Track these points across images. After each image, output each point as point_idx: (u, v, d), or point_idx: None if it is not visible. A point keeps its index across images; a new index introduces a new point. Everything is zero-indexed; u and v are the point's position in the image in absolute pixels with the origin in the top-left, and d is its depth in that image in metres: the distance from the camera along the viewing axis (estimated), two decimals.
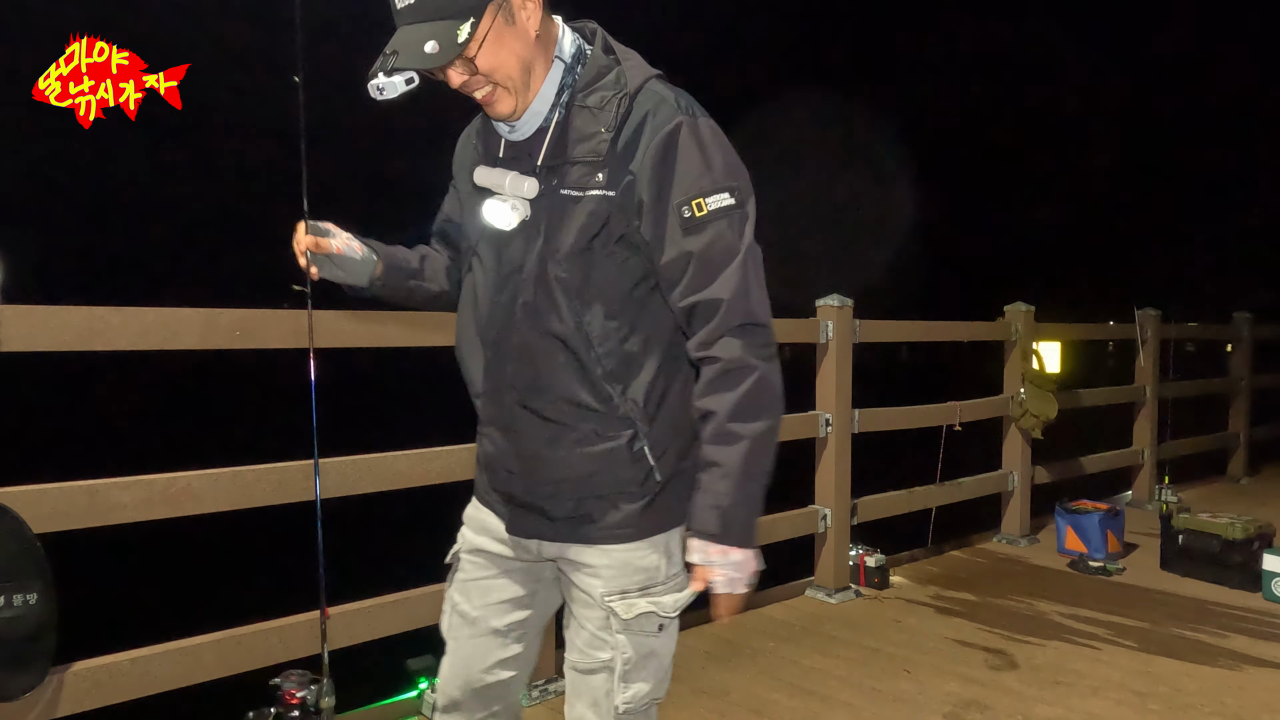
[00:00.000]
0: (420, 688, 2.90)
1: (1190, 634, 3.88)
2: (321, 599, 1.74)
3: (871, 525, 4.60)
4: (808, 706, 3.09)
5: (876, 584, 4.38)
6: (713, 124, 1.49)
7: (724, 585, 1.45)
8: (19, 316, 2.18)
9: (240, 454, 2.82)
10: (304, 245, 1.59)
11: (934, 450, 4.90)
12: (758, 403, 1.43)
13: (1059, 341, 5.85)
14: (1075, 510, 5.06)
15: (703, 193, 1.43)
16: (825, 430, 4.28)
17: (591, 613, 1.53)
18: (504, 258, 1.52)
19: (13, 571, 1.96)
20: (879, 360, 6.04)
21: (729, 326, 1.43)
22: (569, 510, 1.52)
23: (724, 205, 1.44)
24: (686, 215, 1.43)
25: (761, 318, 1.46)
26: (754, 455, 1.43)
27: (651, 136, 1.43)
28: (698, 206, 1.43)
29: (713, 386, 1.44)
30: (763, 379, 1.44)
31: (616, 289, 1.47)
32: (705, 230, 1.43)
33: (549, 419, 1.50)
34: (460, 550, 1.69)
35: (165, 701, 2.43)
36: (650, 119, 1.44)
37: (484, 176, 1.53)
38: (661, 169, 1.43)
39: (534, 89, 1.48)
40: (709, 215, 1.43)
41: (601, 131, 1.45)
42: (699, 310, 1.45)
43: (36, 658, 2.02)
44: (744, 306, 1.44)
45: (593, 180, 1.44)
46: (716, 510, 1.42)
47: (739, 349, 1.43)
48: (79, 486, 2.26)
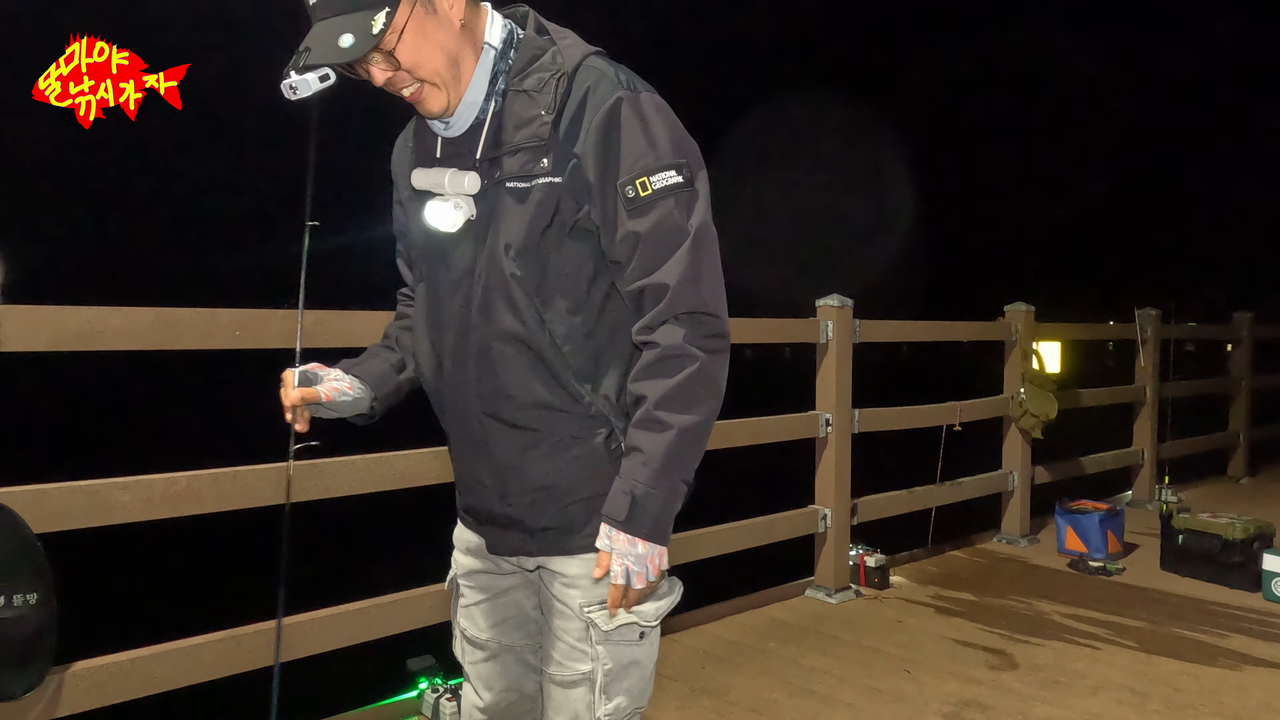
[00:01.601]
0: (420, 688, 2.90)
1: (1190, 634, 3.88)
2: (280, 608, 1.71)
3: (871, 525, 4.60)
4: (808, 706, 3.09)
5: (876, 584, 4.38)
6: (657, 99, 1.41)
7: (621, 576, 1.37)
8: (19, 316, 2.18)
9: (240, 454, 2.82)
10: (292, 400, 1.50)
11: (934, 450, 4.91)
12: (691, 394, 1.36)
13: (1059, 341, 5.85)
14: (1075, 510, 5.06)
15: (646, 171, 1.35)
16: (825, 430, 4.28)
17: (570, 624, 1.47)
18: (453, 261, 1.44)
19: (13, 571, 1.96)
20: (879, 360, 6.05)
21: (673, 313, 1.36)
22: (550, 521, 1.46)
23: (670, 183, 1.36)
24: (630, 195, 1.35)
25: (711, 306, 1.38)
26: (679, 448, 1.36)
27: (593, 114, 1.35)
28: (641, 186, 1.35)
29: (648, 372, 1.37)
30: (702, 371, 1.36)
31: (575, 282, 1.40)
32: (651, 211, 1.36)
33: (519, 426, 1.43)
34: (456, 576, 1.65)
35: (165, 702, 2.44)
36: (590, 96, 1.36)
37: (422, 178, 1.46)
38: (604, 148, 1.36)
39: (464, 81, 1.40)
40: (654, 195, 1.36)
41: (541, 114, 1.37)
42: (646, 295, 1.38)
43: (36, 658, 2.02)
44: (691, 293, 1.37)
45: (537, 167, 1.37)
46: (629, 497, 1.35)
47: (680, 337, 1.36)
48: (79, 486, 2.26)
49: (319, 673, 2.81)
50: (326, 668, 2.80)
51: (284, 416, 1.52)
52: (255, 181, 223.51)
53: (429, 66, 1.36)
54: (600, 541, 1.39)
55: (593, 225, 1.38)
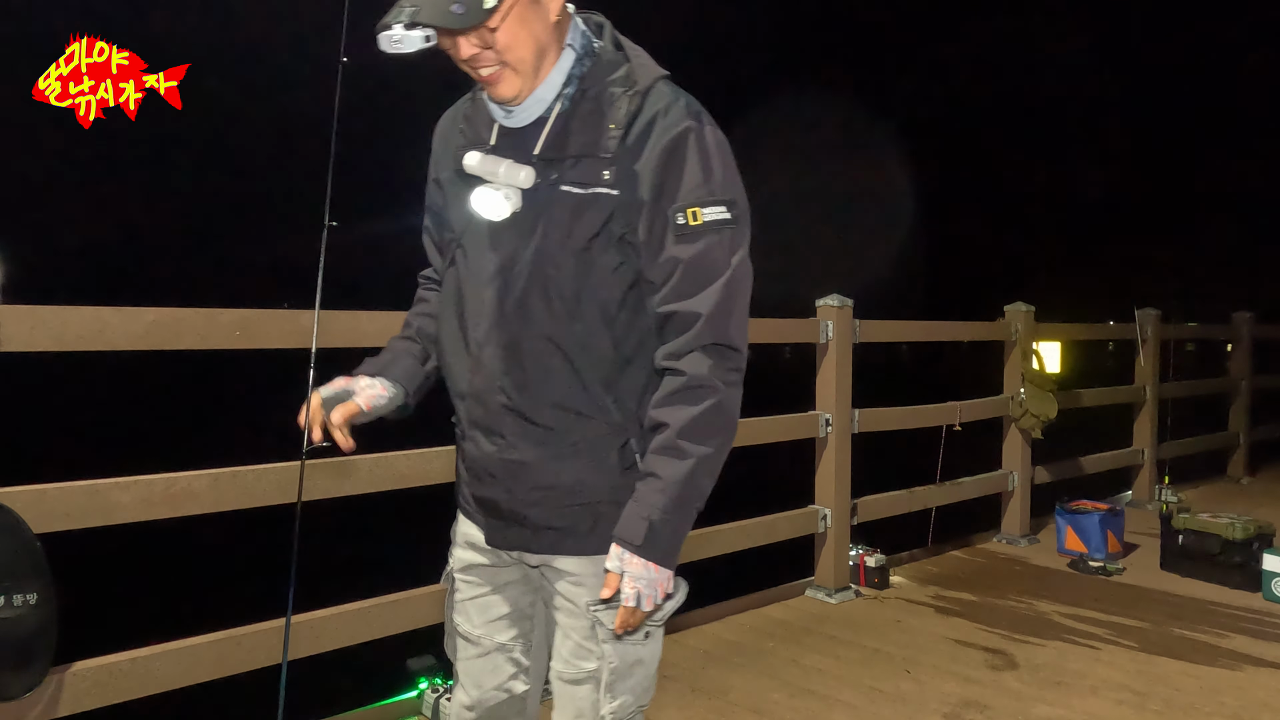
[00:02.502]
0: (420, 688, 2.89)
1: (1190, 634, 3.88)
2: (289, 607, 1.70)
3: (871, 525, 4.60)
4: (808, 706, 3.09)
5: (876, 584, 4.38)
6: (720, 135, 1.45)
7: (632, 599, 1.39)
8: (19, 316, 2.18)
9: (240, 454, 2.82)
10: (337, 421, 1.51)
11: (934, 450, 4.91)
12: (712, 425, 1.39)
13: (1059, 341, 5.86)
14: (1075, 510, 5.06)
15: (700, 203, 1.40)
16: (825, 430, 4.28)
17: (576, 622, 1.50)
18: (492, 251, 1.46)
19: (13, 571, 1.96)
20: (879, 360, 6.05)
21: (701, 343, 1.39)
22: (556, 520, 1.47)
23: (719, 219, 1.41)
24: (680, 222, 1.40)
25: (736, 341, 1.42)
26: (696, 477, 1.39)
27: (660, 137, 1.40)
28: (693, 215, 1.40)
29: (672, 399, 1.39)
30: (722, 404, 1.40)
31: (611, 293, 1.42)
32: (697, 241, 1.40)
33: (537, 424, 1.45)
34: (453, 570, 1.65)
35: (165, 701, 2.44)
36: (660, 119, 1.41)
37: (475, 162, 1.46)
38: (664, 172, 1.40)
39: (542, 74, 1.43)
40: (703, 226, 1.40)
41: (612, 128, 1.40)
42: (675, 320, 1.41)
43: (36, 658, 2.02)
44: (721, 326, 1.40)
45: (599, 177, 1.40)
46: (646, 522, 1.37)
47: (706, 368, 1.39)
48: (79, 486, 2.26)
49: (319, 673, 2.81)
50: (327, 668, 2.80)
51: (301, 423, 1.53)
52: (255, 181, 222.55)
53: (518, 52, 1.38)
54: (611, 563, 1.40)
55: (637, 241, 1.42)
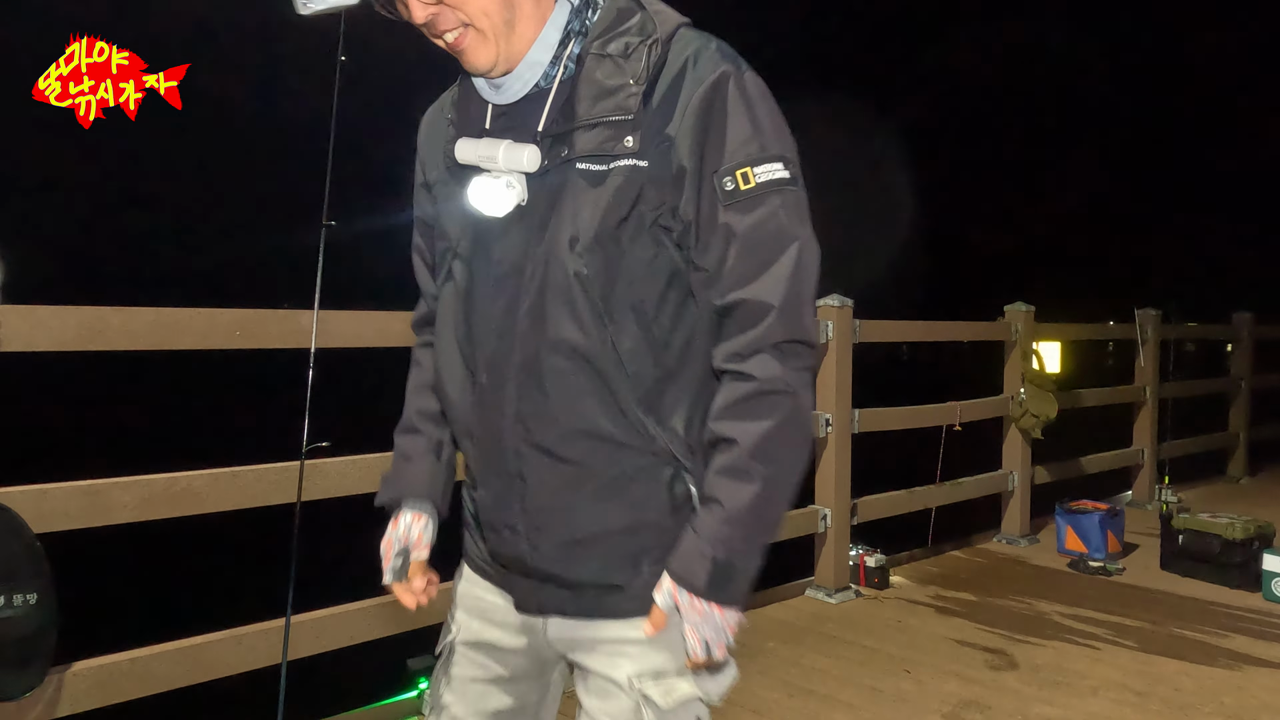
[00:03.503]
0: (420, 688, 2.89)
1: (1190, 634, 3.88)
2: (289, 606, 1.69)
3: (871, 525, 4.60)
4: (808, 706, 3.09)
5: (876, 584, 4.38)
6: (762, 83, 1.19)
7: (701, 649, 1.14)
8: (19, 316, 2.18)
9: (240, 454, 2.82)
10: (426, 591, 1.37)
11: (934, 450, 4.91)
12: (788, 440, 1.14)
13: (1059, 341, 5.86)
14: (1075, 510, 5.06)
15: (750, 160, 1.13)
16: (825, 430, 4.28)
17: (614, 704, 1.20)
18: (496, 255, 1.20)
19: (13, 571, 1.96)
20: (879, 360, 6.04)
21: (773, 340, 1.13)
22: (591, 575, 1.20)
23: (776, 178, 1.14)
24: (730, 188, 1.13)
25: (811, 335, 1.16)
26: (769, 502, 1.14)
27: (692, 90, 1.13)
28: (744, 177, 1.13)
29: (738, 410, 1.13)
30: (798, 413, 1.15)
31: (648, 289, 1.15)
32: (755, 208, 1.13)
33: (565, 459, 1.17)
34: (455, 640, 1.37)
35: (165, 701, 2.44)
36: (690, 69, 1.14)
37: (469, 150, 1.22)
38: (703, 131, 1.13)
39: (521, 33, 1.17)
40: (758, 189, 1.13)
41: (630, 84, 1.14)
42: (740, 312, 1.14)
43: (37, 658, 2.02)
44: (795, 319, 1.14)
45: (619, 145, 1.13)
46: (709, 561, 1.12)
47: (779, 370, 1.13)
48: (79, 486, 2.26)
49: (319, 672, 2.81)
50: (327, 667, 2.81)
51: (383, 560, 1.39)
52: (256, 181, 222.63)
53: (478, 5, 1.14)
54: (662, 598, 1.16)
55: (675, 224, 1.15)
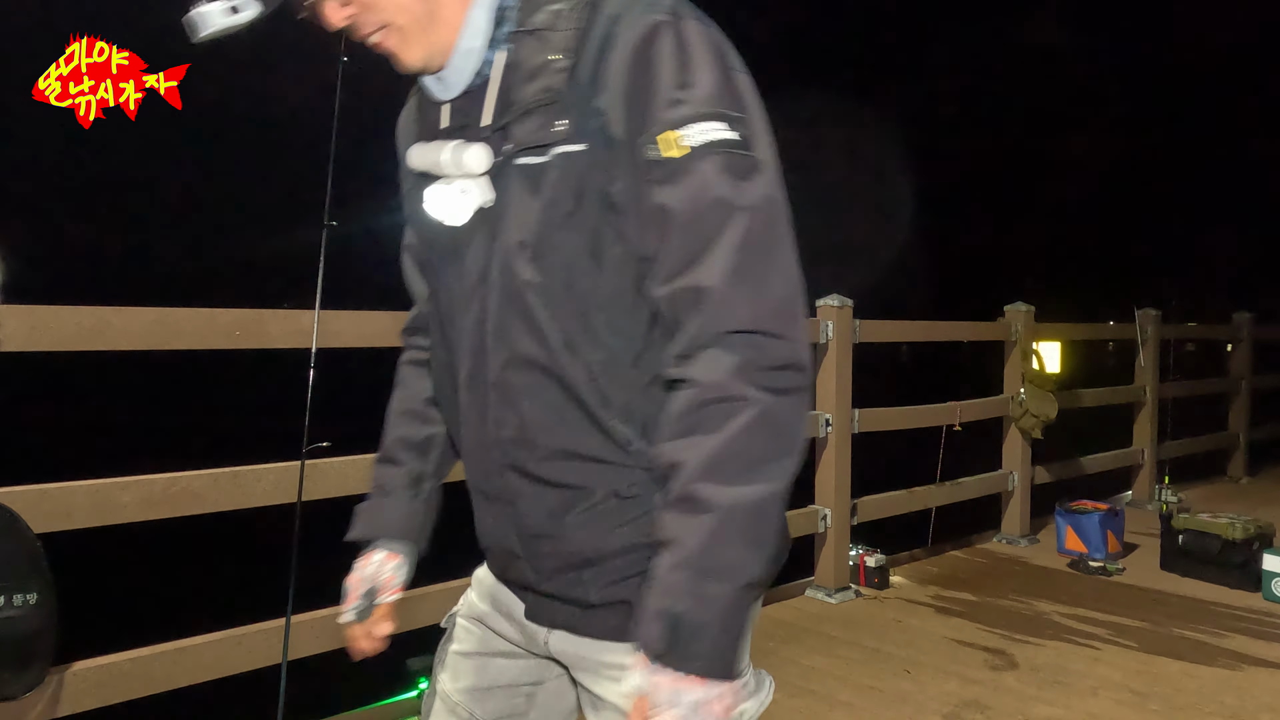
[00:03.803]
0: (420, 687, 2.89)
1: (1190, 634, 3.88)
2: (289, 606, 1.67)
3: (871, 525, 4.60)
4: (808, 706, 3.09)
5: (876, 584, 4.38)
6: (713, 32, 1.01)
7: None
8: (19, 316, 2.18)
9: (240, 454, 2.82)
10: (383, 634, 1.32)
11: (934, 450, 4.91)
12: (749, 453, 0.92)
13: (1059, 341, 5.86)
14: (1075, 510, 5.06)
15: (679, 121, 0.96)
16: (825, 430, 4.28)
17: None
18: (465, 265, 1.09)
19: (13, 571, 1.96)
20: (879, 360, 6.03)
21: (715, 332, 0.94)
22: (601, 597, 1.08)
23: (713, 139, 0.95)
24: (653, 156, 0.96)
25: (774, 324, 0.94)
26: (730, 536, 0.91)
27: (622, 52, 0.98)
28: (667, 142, 0.96)
29: (683, 425, 0.94)
30: (765, 418, 0.93)
31: (615, 289, 1.02)
32: (684, 176, 0.96)
33: (551, 483, 1.07)
34: (458, 613, 1.31)
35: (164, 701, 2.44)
36: (618, 28, 0.99)
37: (419, 156, 1.13)
38: (631, 95, 0.98)
39: (447, 21, 1.06)
40: (690, 155, 0.95)
41: (556, 59, 1.01)
42: (678, 304, 0.97)
43: (36, 657, 2.02)
44: (744, 302, 0.94)
45: (552, 132, 1.00)
46: (664, 617, 0.91)
47: (727, 370, 0.93)
48: (79, 486, 2.26)
49: (319, 673, 2.81)
50: (327, 668, 2.80)
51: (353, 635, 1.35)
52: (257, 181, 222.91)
53: (391, 1, 1.05)
54: (633, 677, 0.96)
55: (624, 211, 1.01)
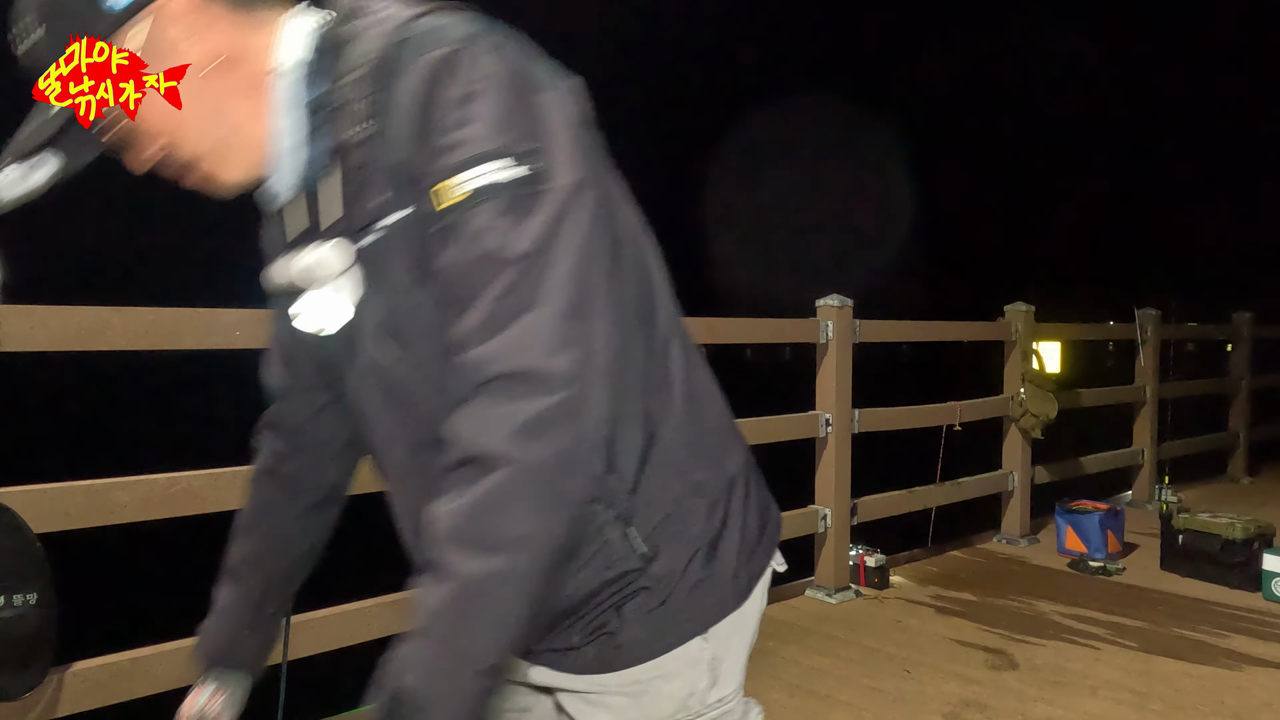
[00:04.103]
0: None
1: (1190, 634, 3.88)
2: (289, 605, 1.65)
3: (871, 525, 4.60)
4: (808, 706, 3.09)
5: (876, 584, 4.38)
6: (504, 52, 0.88)
7: None
8: (19, 316, 2.18)
9: (240, 454, 2.82)
10: None
11: (934, 450, 4.91)
12: (491, 520, 0.81)
13: (1059, 341, 5.86)
14: (1075, 510, 5.06)
15: (452, 169, 0.84)
16: (825, 430, 4.28)
17: None
18: (351, 361, 1.00)
19: (13, 571, 1.96)
20: (879, 360, 6.05)
21: (479, 380, 0.83)
22: (585, 637, 1.00)
23: (488, 183, 0.83)
24: (430, 211, 0.87)
25: (545, 359, 0.82)
26: (470, 613, 0.81)
27: (407, 101, 0.87)
28: (439, 195, 0.85)
29: (445, 483, 0.84)
30: (516, 479, 0.81)
31: None
32: (453, 233, 0.85)
33: None
34: None
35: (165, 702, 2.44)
36: (404, 78, 0.88)
37: (277, 274, 1.04)
38: (419, 143, 0.87)
39: (251, 132, 0.96)
40: (462, 205, 0.84)
41: (360, 130, 0.91)
42: (458, 367, 0.85)
43: (37, 657, 2.02)
44: (501, 339, 0.82)
45: (377, 205, 0.90)
46: (389, 688, 0.84)
47: (481, 423, 0.82)
48: (79, 486, 2.26)
49: (319, 673, 2.81)
50: (326, 668, 2.80)
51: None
52: None
53: (185, 139, 0.95)
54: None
55: None
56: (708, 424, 1.04)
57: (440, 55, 0.86)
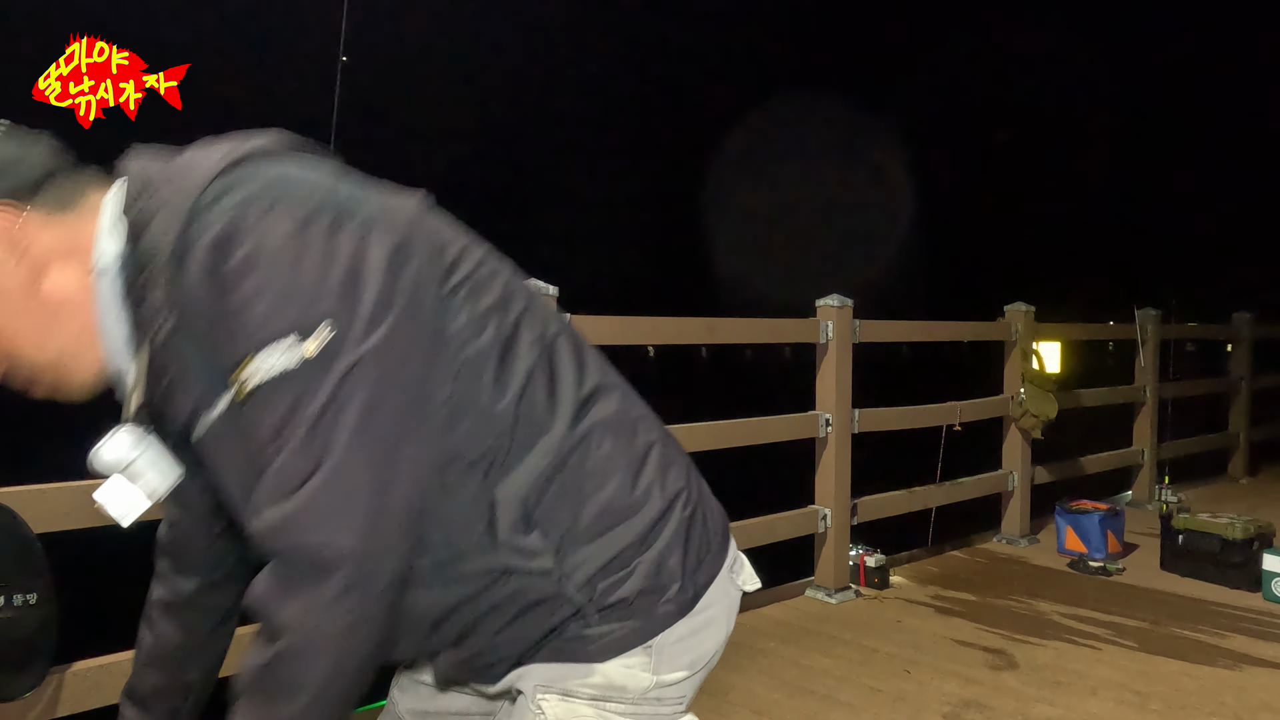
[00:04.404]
0: None
1: (1190, 634, 3.88)
2: None
3: (871, 525, 4.60)
4: (808, 706, 3.09)
5: (876, 584, 4.38)
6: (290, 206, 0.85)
7: None
8: None
9: None
10: None
11: (934, 450, 4.91)
12: (268, 690, 0.86)
13: (1059, 341, 5.86)
14: (1075, 510, 5.06)
15: (241, 359, 0.84)
16: (825, 430, 4.28)
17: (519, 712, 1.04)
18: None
19: (13, 571, 1.96)
20: (879, 360, 6.03)
21: (268, 546, 0.86)
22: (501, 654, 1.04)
23: (276, 374, 0.83)
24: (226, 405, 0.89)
25: (328, 539, 0.83)
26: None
27: (190, 292, 0.86)
28: (239, 389, 0.85)
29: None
30: (292, 655, 0.84)
31: None
32: (254, 414, 0.86)
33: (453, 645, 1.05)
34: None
35: None
36: (187, 267, 0.85)
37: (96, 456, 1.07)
38: (208, 336, 0.87)
39: (84, 339, 0.95)
40: (252, 397, 0.85)
41: (160, 325, 0.89)
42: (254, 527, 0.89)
43: (36, 658, 2.02)
44: (290, 515, 0.83)
45: (188, 401, 0.91)
46: None
47: (273, 593, 0.85)
48: (79, 486, 2.26)
49: None
50: None
51: None
52: None
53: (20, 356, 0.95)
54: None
55: None
56: (636, 451, 1.04)
57: (215, 236, 0.84)
